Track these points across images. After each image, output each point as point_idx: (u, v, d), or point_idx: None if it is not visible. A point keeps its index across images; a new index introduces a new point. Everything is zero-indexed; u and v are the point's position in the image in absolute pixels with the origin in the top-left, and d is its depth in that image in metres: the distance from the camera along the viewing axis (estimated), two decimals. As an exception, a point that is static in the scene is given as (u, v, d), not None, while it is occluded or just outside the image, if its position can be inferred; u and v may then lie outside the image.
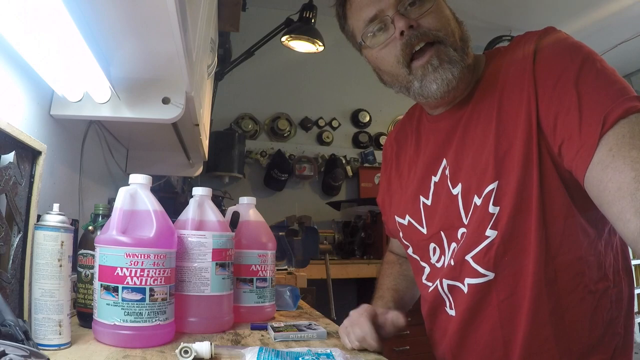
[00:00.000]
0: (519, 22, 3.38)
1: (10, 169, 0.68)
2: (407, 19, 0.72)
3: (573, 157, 0.64)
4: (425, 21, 0.73)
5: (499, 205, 0.71)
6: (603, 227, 0.72)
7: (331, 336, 0.86)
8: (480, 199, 0.73)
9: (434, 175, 0.82)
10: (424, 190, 0.84)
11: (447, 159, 0.80)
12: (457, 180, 0.77)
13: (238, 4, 1.70)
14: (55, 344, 0.67)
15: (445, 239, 0.80)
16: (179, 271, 0.84)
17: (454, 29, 0.75)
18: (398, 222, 0.90)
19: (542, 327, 0.70)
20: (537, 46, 0.71)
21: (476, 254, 0.73)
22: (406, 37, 0.72)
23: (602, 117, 0.61)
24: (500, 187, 0.71)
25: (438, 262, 0.83)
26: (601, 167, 0.60)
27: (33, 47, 0.72)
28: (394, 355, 2.44)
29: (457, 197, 0.77)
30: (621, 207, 0.58)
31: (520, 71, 0.71)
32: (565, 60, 0.67)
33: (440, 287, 0.80)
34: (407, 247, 0.90)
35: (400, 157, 0.94)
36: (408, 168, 0.90)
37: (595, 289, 0.71)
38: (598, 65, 0.66)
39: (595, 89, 0.64)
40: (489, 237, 0.71)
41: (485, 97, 0.76)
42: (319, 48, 2.54)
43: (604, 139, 0.61)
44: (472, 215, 0.74)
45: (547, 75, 0.68)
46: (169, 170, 1.75)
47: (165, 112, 0.94)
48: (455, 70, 0.73)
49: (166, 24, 0.69)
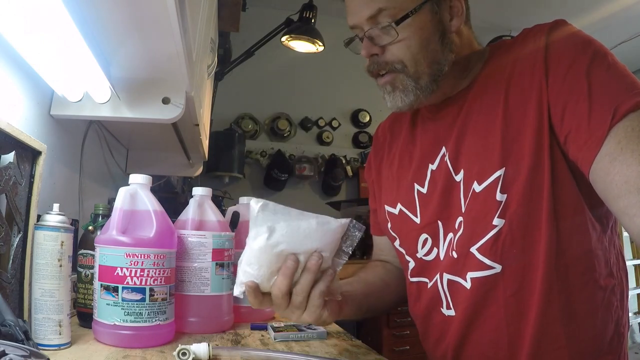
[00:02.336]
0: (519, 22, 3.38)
1: (10, 169, 0.68)
2: (371, 46, 0.74)
3: (580, 147, 0.63)
4: (389, 52, 0.74)
5: (507, 193, 0.69)
6: (607, 223, 0.72)
7: (331, 336, 0.86)
8: (480, 185, 0.71)
9: (432, 163, 0.80)
10: (419, 178, 0.82)
11: (446, 146, 0.78)
12: (460, 167, 0.76)
13: (238, 4, 1.70)
14: (55, 344, 0.67)
15: (442, 228, 0.77)
16: (179, 271, 0.84)
17: (422, 57, 0.73)
18: (388, 212, 0.88)
19: (553, 325, 0.67)
20: (549, 37, 0.70)
21: (482, 245, 0.71)
22: (369, 62, 0.76)
23: (613, 109, 0.60)
24: (508, 174, 0.69)
25: (427, 256, 0.80)
26: (609, 159, 0.60)
27: (33, 47, 0.72)
28: (394, 355, 2.44)
29: (460, 184, 0.75)
30: (628, 202, 0.58)
31: (530, 61, 0.70)
32: (578, 51, 0.67)
33: (440, 284, 0.77)
34: (394, 239, 0.87)
35: (392, 146, 0.92)
36: (400, 157, 0.88)
37: (605, 285, 0.69)
38: (609, 59, 0.65)
39: (606, 81, 0.63)
40: (497, 227, 0.69)
41: (490, 85, 0.75)
42: (319, 48, 2.54)
43: (613, 130, 0.60)
44: (469, 202, 0.73)
45: (558, 65, 0.67)
46: (169, 170, 1.75)
47: (165, 112, 0.94)
48: (407, 98, 0.75)
49: (166, 24, 0.69)
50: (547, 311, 0.67)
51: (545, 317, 0.68)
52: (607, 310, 0.70)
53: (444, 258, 0.77)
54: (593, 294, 0.69)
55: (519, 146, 0.69)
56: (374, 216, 0.98)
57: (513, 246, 0.69)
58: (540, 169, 0.67)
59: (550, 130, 0.67)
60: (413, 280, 0.83)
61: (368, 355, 0.75)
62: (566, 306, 0.68)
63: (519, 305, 0.69)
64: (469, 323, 0.73)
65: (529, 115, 0.69)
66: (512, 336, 0.70)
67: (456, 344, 0.75)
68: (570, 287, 0.68)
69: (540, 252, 0.67)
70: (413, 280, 0.83)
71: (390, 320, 2.55)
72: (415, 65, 0.73)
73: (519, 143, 0.69)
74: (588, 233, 0.68)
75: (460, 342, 0.75)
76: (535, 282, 0.68)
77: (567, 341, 0.68)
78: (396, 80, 0.74)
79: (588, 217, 0.69)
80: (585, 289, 0.68)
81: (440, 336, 0.79)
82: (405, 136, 0.89)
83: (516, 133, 0.70)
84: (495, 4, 3.15)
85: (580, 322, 0.68)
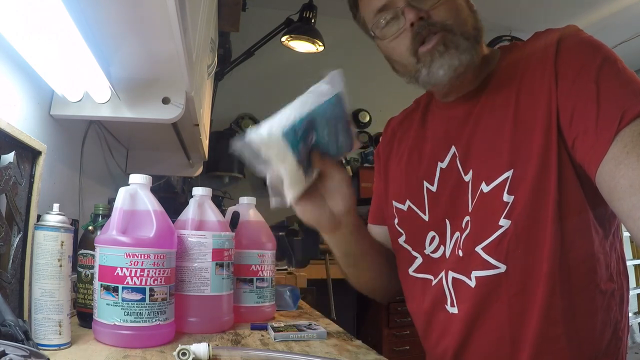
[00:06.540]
0: (519, 22, 3.39)
1: (10, 169, 0.68)
2: (417, 11, 0.72)
3: (587, 150, 0.63)
4: (436, 13, 0.73)
5: (514, 194, 0.69)
6: (610, 228, 0.72)
7: (331, 336, 0.86)
8: (488, 186, 0.72)
9: (441, 162, 0.81)
10: (428, 176, 0.83)
11: (456, 146, 0.79)
12: (469, 167, 0.76)
13: (238, 4, 1.70)
14: (55, 344, 0.67)
15: (450, 227, 0.78)
16: (179, 271, 0.84)
17: (466, 18, 0.75)
18: (395, 208, 0.88)
19: (554, 325, 0.68)
20: (560, 41, 0.71)
21: (487, 244, 0.71)
22: (416, 28, 0.73)
23: (620, 113, 0.61)
24: (516, 176, 0.69)
25: (435, 253, 0.80)
26: (615, 163, 0.60)
27: (33, 47, 0.72)
28: (394, 355, 2.44)
29: (468, 184, 0.76)
30: (632, 205, 0.58)
31: (541, 64, 0.71)
32: (588, 56, 0.67)
33: (445, 281, 0.77)
34: (400, 235, 0.87)
35: (402, 142, 0.92)
36: (409, 153, 0.88)
37: (605, 289, 0.70)
38: (619, 65, 0.66)
39: (615, 86, 0.64)
40: (502, 227, 0.70)
41: (502, 86, 0.75)
42: (319, 48, 2.54)
43: (620, 135, 0.61)
44: (476, 202, 0.73)
45: (568, 69, 0.68)
46: (169, 170, 1.75)
47: (165, 112, 0.94)
48: (464, 57, 0.72)
49: (166, 24, 0.69)
50: (549, 312, 0.68)
51: (547, 318, 0.68)
52: (607, 313, 0.70)
53: (449, 256, 0.78)
54: (594, 297, 0.69)
55: (527, 148, 0.69)
56: (377, 201, 0.97)
57: (518, 247, 0.69)
58: (547, 172, 0.68)
59: (558, 133, 0.67)
60: (418, 276, 0.83)
61: (368, 355, 0.75)
62: (568, 308, 0.68)
63: (522, 305, 0.70)
64: (472, 321, 0.74)
65: (538, 117, 0.69)
66: (514, 336, 0.70)
67: (458, 342, 0.76)
68: (573, 289, 0.68)
69: (545, 254, 0.68)
70: (418, 276, 0.83)
71: (390, 320, 2.55)
72: (463, 25, 0.74)
73: (528, 145, 0.69)
74: (591, 236, 0.69)
75: (462, 340, 0.75)
76: (538, 283, 0.68)
77: (567, 342, 0.68)
78: (447, 39, 0.72)
79: (592, 221, 0.69)
80: (587, 292, 0.69)
81: (442, 334, 0.79)
82: (416, 133, 0.89)
83: (525, 135, 0.70)
84: (495, 4, 3.15)
85: (581, 324, 0.69)
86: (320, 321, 1.01)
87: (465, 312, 0.74)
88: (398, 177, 0.90)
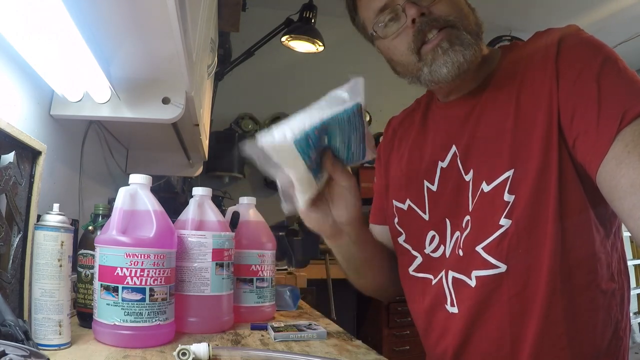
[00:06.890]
0: (519, 22, 3.39)
1: (10, 169, 0.68)
2: (418, 7, 0.72)
3: (588, 150, 0.63)
4: (437, 8, 0.73)
5: (515, 194, 0.69)
6: (610, 227, 0.72)
7: (331, 336, 0.86)
8: (489, 186, 0.72)
9: (441, 161, 0.81)
10: (429, 176, 0.82)
11: (457, 145, 0.79)
12: (469, 167, 0.76)
13: (238, 4, 1.70)
14: (55, 344, 0.67)
15: (450, 226, 0.78)
16: (179, 271, 0.84)
17: (467, 13, 0.75)
18: (396, 207, 0.88)
19: (555, 325, 0.68)
20: (561, 40, 0.71)
21: (488, 244, 0.71)
22: (418, 25, 0.73)
23: (621, 112, 0.61)
24: (517, 175, 0.69)
25: (435, 252, 0.80)
26: (615, 162, 0.60)
27: (33, 47, 0.72)
28: (394, 355, 2.44)
29: (469, 183, 0.75)
30: (632, 204, 0.58)
31: (542, 63, 0.71)
32: (589, 55, 0.67)
33: (445, 281, 0.77)
34: (400, 234, 0.87)
35: (403, 142, 0.92)
36: (410, 152, 0.88)
37: (606, 289, 0.70)
38: (620, 65, 0.66)
39: (616, 86, 0.64)
40: (503, 227, 0.70)
41: (503, 86, 0.75)
42: (319, 48, 2.54)
43: (621, 134, 0.61)
44: (477, 202, 0.73)
45: (569, 69, 0.68)
46: (169, 170, 1.75)
47: (165, 112, 0.94)
48: (468, 52, 0.72)
49: (166, 24, 0.69)
50: (550, 312, 0.68)
51: (548, 317, 0.68)
52: (607, 313, 0.70)
53: (449, 255, 0.77)
54: (595, 297, 0.69)
55: (527, 148, 0.69)
56: (378, 201, 0.97)
57: (518, 246, 0.69)
58: (548, 171, 0.68)
59: (559, 133, 0.67)
60: (418, 275, 0.83)
61: (368, 355, 0.75)
62: (569, 307, 0.68)
63: (523, 305, 0.69)
64: (472, 321, 0.73)
65: (539, 117, 0.69)
66: (514, 336, 0.70)
67: (458, 341, 0.75)
68: (573, 289, 0.68)
69: (545, 253, 0.68)
70: (418, 275, 0.83)
71: (390, 320, 2.55)
72: (465, 20, 0.74)
73: (528, 145, 0.69)
74: (592, 236, 0.69)
75: (462, 340, 0.75)
76: (539, 282, 0.68)
77: (568, 342, 0.68)
78: (451, 35, 0.72)
79: (592, 220, 0.69)
80: (588, 291, 0.69)
81: (442, 333, 0.79)
82: (416, 132, 0.89)
83: (526, 135, 0.70)
84: (495, 4, 3.15)
85: (582, 324, 0.69)
86: (320, 321, 1.01)
87: (465, 311, 0.74)
88: (398, 177, 0.90)
